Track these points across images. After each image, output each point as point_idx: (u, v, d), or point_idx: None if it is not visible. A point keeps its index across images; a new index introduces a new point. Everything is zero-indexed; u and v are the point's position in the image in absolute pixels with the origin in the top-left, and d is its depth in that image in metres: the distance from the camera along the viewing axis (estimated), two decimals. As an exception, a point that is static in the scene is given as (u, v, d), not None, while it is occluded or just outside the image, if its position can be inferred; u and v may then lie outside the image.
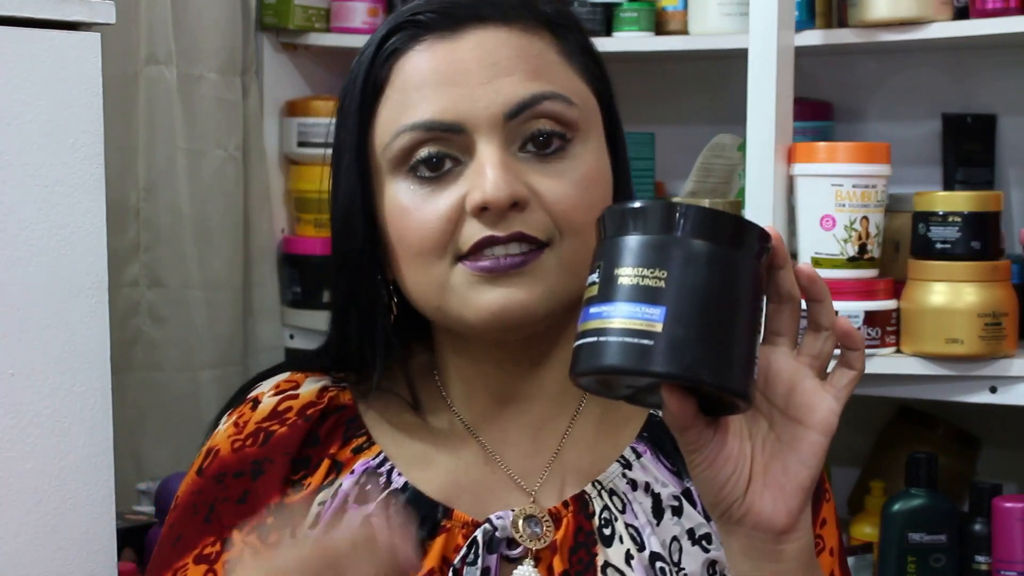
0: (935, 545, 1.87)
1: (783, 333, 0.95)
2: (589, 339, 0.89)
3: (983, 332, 1.81)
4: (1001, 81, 2.16)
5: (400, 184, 1.08)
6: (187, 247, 2.12)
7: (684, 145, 2.23)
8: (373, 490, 1.11)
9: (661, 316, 0.87)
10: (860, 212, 1.85)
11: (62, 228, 1.22)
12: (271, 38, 2.30)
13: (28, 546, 1.20)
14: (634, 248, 0.89)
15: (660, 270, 0.88)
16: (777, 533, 0.94)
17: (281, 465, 1.11)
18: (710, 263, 0.88)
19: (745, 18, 1.94)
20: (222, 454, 1.13)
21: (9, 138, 1.18)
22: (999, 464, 2.19)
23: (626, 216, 0.91)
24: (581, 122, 1.09)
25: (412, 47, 1.09)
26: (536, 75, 1.08)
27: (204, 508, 1.11)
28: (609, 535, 1.10)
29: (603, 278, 0.90)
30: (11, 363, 1.19)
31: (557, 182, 1.06)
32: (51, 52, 1.21)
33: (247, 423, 1.14)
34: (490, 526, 1.08)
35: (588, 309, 0.90)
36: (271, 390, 1.15)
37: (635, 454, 1.13)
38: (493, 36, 1.08)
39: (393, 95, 1.09)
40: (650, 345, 0.87)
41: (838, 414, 0.95)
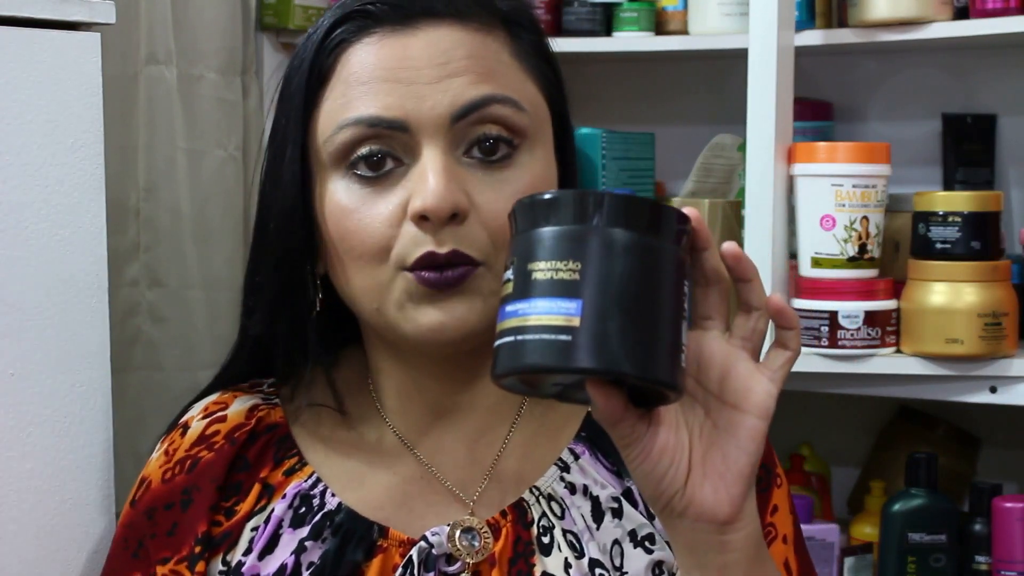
0: (935, 545, 1.87)
1: (712, 316, 0.92)
2: (507, 339, 0.86)
3: (983, 332, 1.81)
4: (1001, 81, 2.16)
5: (340, 181, 1.06)
6: (187, 247, 2.12)
7: (684, 145, 2.23)
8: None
9: (578, 310, 0.84)
10: (860, 212, 1.85)
11: (62, 228, 1.22)
12: (271, 38, 2.29)
13: (28, 546, 1.20)
14: (546, 241, 0.86)
15: (574, 262, 0.85)
16: (721, 523, 0.91)
17: (208, 493, 1.09)
18: (626, 251, 0.85)
19: (745, 18, 1.94)
20: (153, 486, 1.12)
21: (9, 138, 1.18)
22: (999, 464, 2.19)
23: (537, 208, 0.88)
24: (530, 129, 1.06)
25: (361, 39, 1.07)
26: (487, 77, 1.05)
27: (133, 543, 1.11)
28: (548, 543, 1.08)
29: (517, 274, 0.87)
30: (11, 363, 1.19)
31: (498, 195, 1.04)
32: (51, 52, 1.21)
33: (176, 450, 1.13)
34: (425, 543, 1.06)
35: (504, 307, 0.87)
36: (200, 413, 1.15)
37: (573, 456, 1.11)
38: (446, 34, 1.05)
39: (338, 86, 1.07)
40: (569, 340, 0.84)
41: (775, 396, 0.91)
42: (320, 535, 1.08)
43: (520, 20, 1.10)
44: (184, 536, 1.09)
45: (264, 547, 1.08)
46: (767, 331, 0.93)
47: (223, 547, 1.09)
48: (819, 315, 1.86)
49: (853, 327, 1.85)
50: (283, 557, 1.07)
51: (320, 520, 1.08)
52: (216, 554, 1.09)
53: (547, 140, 1.10)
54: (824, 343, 1.86)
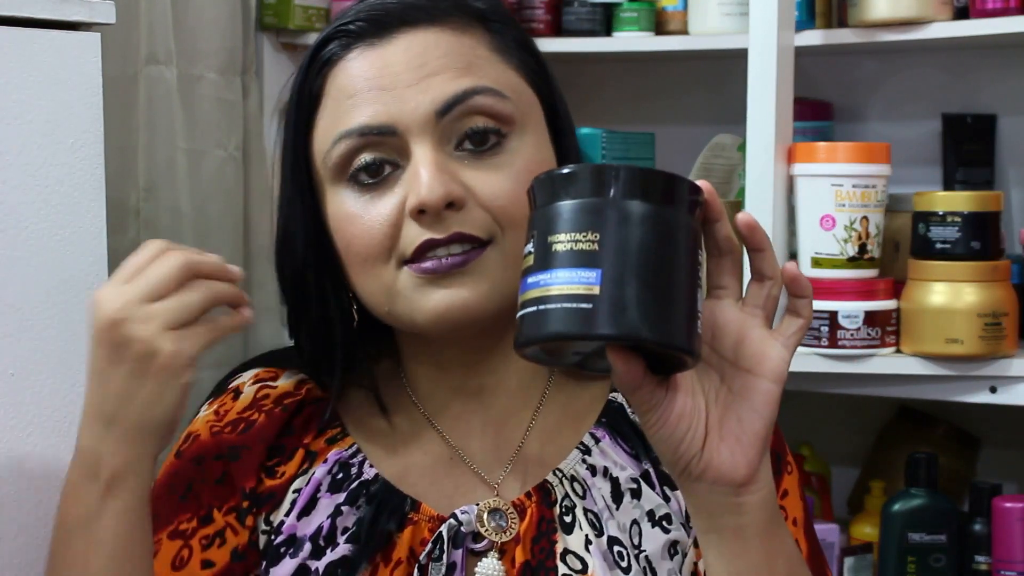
0: (935, 545, 1.87)
1: (726, 285, 0.95)
2: (529, 309, 0.89)
3: (983, 332, 1.81)
4: (1001, 81, 2.16)
5: (342, 192, 1.10)
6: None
7: (684, 145, 2.23)
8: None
9: (598, 279, 0.87)
10: (860, 212, 1.85)
11: (62, 228, 1.22)
12: (271, 38, 2.29)
13: (28, 546, 1.20)
14: (565, 214, 0.89)
15: (593, 232, 0.88)
16: (737, 485, 0.94)
17: (258, 452, 1.13)
18: (642, 221, 0.88)
19: (745, 18, 1.94)
20: (202, 438, 1.15)
21: (9, 138, 1.18)
22: (999, 464, 2.19)
23: (555, 183, 0.91)
24: (517, 115, 1.09)
25: (344, 56, 1.10)
26: (466, 71, 1.08)
27: (181, 487, 1.13)
28: (570, 522, 1.11)
29: (538, 247, 0.89)
30: (11, 363, 1.19)
31: (493, 177, 1.07)
32: (51, 52, 1.21)
33: (228, 412, 1.16)
34: (455, 521, 1.09)
35: (526, 280, 0.90)
36: (251, 379, 1.18)
37: (594, 440, 1.14)
38: (422, 37, 1.09)
39: (329, 104, 1.11)
40: (590, 308, 0.86)
41: (788, 362, 0.94)
42: (356, 502, 1.12)
43: (497, 17, 1.13)
44: (232, 487, 1.13)
45: (303, 508, 1.12)
46: (780, 299, 0.96)
47: (267, 506, 1.13)
48: (819, 315, 1.86)
49: (853, 327, 1.85)
50: (320, 519, 1.11)
51: (356, 488, 1.12)
52: (261, 512, 1.13)
53: (538, 125, 1.12)
54: (824, 343, 1.86)
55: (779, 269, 0.95)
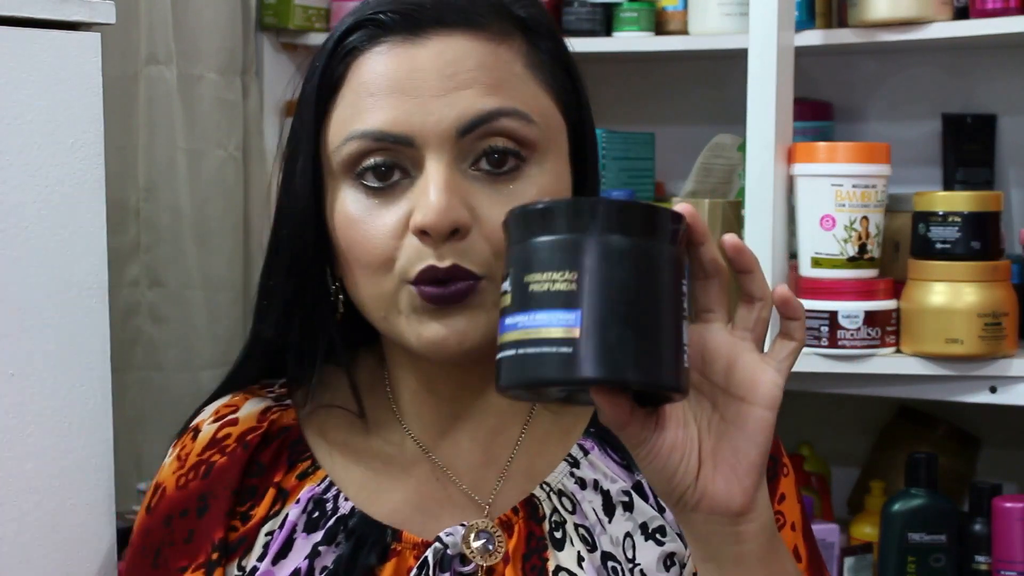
0: (935, 545, 1.87)
1: (714, 308, 0.92)
2: (508, 352, 0.86)
3: (983, 332, 1.81)
4: (1001, 81, 2.16)
5: (348, 191, 1.06)
6: (187, 247, 2.12)
7: (684, 145, 2.23)
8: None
9: (577, 320, 0.84)
10: (860, 212, 1.85)
11: (62, 228, 1.22)
12: (271, 38, 2.30)
13: (28, 546, 1.20)
14: (541, 252, 0.86)
15: (571, 272, 0.84)
16: (735, 514, 0.91)
17: (224, 500, 1.09)
18: (622, 257, 0.85)
19: (745, 18, 1.94)
20: (168, 492, 1.12)
21: (9, 138, 1.18)
22: (999, 464, 2.19)
23: (530, 218, 0.87)
24: (540, 141, 1.05)
25: (371, 47, 1.05)
26: (495, 89, 1.03)
27: (151, 552, 1.11)
28: (560, 538, 1.08)
29: (514, 286, 0.86)
30: (11, 363, 1.19)
31: (503, 209, 0.99)
32: (51, 52, 1.21)
33: (188, 455, 1.12)
34: (440, 544, 1.06)
35: (504, 319, 0.87)
36: (211, 417, 1.14)
37: (582, 451, 1.12)
38: (455, 44, 1.04)
39: (348, 95, 1.06)
40: (570, 353, 0.83)
41: (781, 387, 0.91)
42: (334, 540, 1.08)
43: (538, 28, 1.08)
44: (201, 543, 1.09)
45: (278, 552, 1.08)
46: (770, 321, 0.93)
47: (239, 552, 1.09)
48: (819, 315, 1.86)
49: (853, 327, 1.85)
50: (297, 561, 1.08)
51: (334, 525, 1.08)
52: (232, 559, 1.09)
53: (560, 152, 1.08)
54: (824, 343, 1.86)
55: (769, 290, 0.92)
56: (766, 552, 0.94)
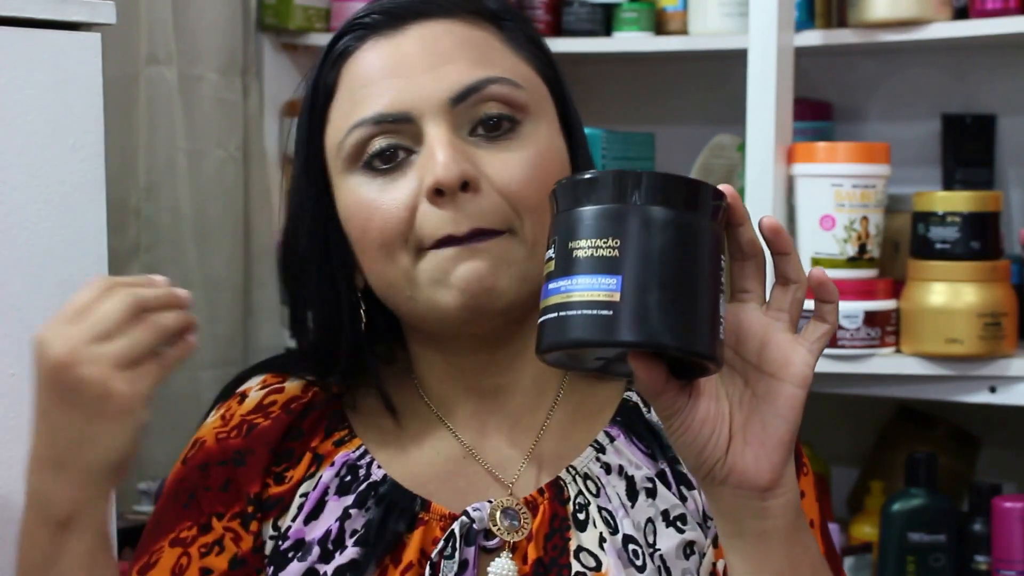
0: (935, 545, 1.87)
1: (750, 289, 0.94)
2: (550, 315, 0.88)
3: (983, 332, 1.81)
4: (1001, 81, 2.16)
5: (355, 179, 1.09)
6: (187, 247, 2.12)
7: (684, 145, 2.23)
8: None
9: (618, 285, 0.86)
10: (860, 212, 1.85)
11: (62, 228, 1.22)
12: (271, 38, 2.30)
13: (28, 546, 1.20)
14: (587, 219, 0.89)
15: (614, 239, 0.87)
16: (762, 489, 0.93)
17: (262, 456, 1.12)
18: (664, 228, 0.88)
19: (745, 18, 1.94)
20: (207, 445, 1.15)
21: (9, 138, 1.18)
22: (999, 464, 2.19)
23: (577, 188, 0.90)
24: (530, 104, 1.10)
25: (358, 47, 1.11)
26: (480, 62, 1.09)
27: (184, 495, 1.13)
28: (583, 520, 1.10)
29: (559, 252, 0.89)
30: (11, 363, 1.19)
31: (508, 161, 1.07)
32: (51, 52, 1.21)
33: (233, 416, 1.15)
34: (467, 518, 1.08)
35: (547, 285, 0.90)
36: (258, 384, 1.17)
37: (608, 438, 1.14)
38: (436, 28, 1.10)
39: (343, 96, 1.11)
40: (610, 316, 0.86)
41: (812, 366, 0.94)
42: (364, 504, 1.11)
43: (507, 15, 1.14)
44: (237, 493, 1.12)
45: (310, 512, 1.11)
46: (804, 303, 0.96)
47: (274, 512, 1.12)
48: (819, 315, 1.85)
49: (853, 327, 1.85)
50: (328, 523, 1.11)
51: (365, 490, 1.11)
52: (268, 518, 1.12)
53: (550, 116, 1.13)
54: (824, 343, 1.85)
55: (803, 273, 0.95)
56: (791, 530, 0.95)
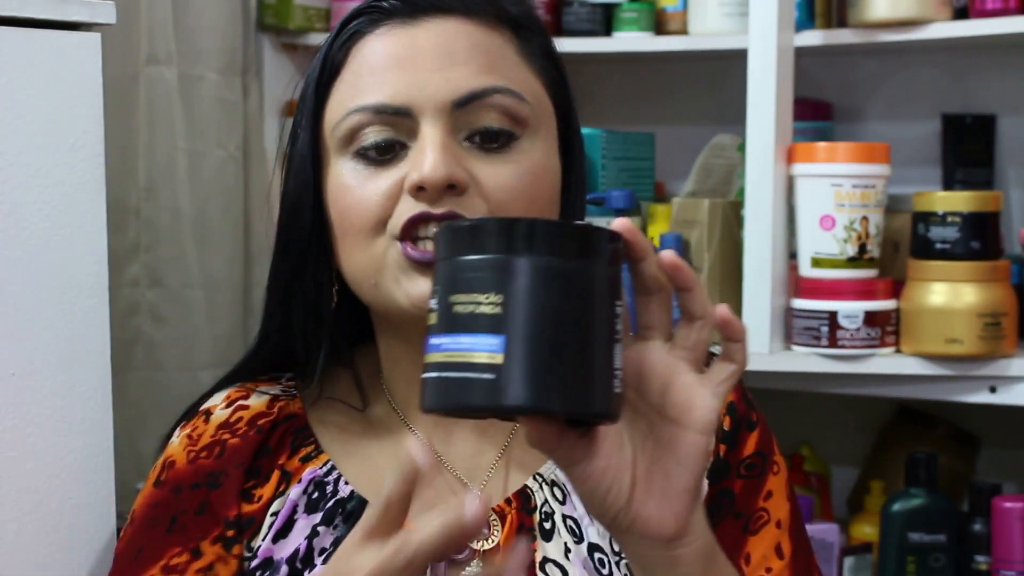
0: (935, 545, 1.87)
1: (654, 326, 0.88)
2: (432, 374, 0.83)
3: (983, 332, 1.81)
4: (1001, 81, 2.16)
5: (345, 163, 1.09)
6: (187, 247, 2.12)
7: (684, 145, 2.23)
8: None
9: (502, 346, 0.80)
10: (860, 212, 1.85)
11: (62, 228, 1.22)
12: (271, 38, 2.30)
13: (28, 546, 1.20)
14: (469, 271, 0.82)
15: (497, 294, 0.81)
16: (667, 540, 0.88)
17: (236, 478, 1.11)
18: (551, 280, 0.81)
19: (745, 18, 1.94)
20: (178, 466, 1.13)
21: (9, 138, 1.18)
22: (999, 464, 2.19)
23: (458, 235, 0.84)
24: (531, 120, 1.08)
25: (371, 31, 1.09)
26: (490, 69, 1.08)
27: (165, 520, 1.11)
28: (549, 529, 1.09)
29: (440, 306, 0.83)
30: (11, 363, 1.19)
31: (499, 170, 1.06)
32: (51, 52, 1.21)
33: (201, 435, 1.14)
34: None
35: (429, 339, 0.84)
36: (222, 402, 1.16)
37: None
38: (452, 26, 1.08)
39: (348, 77, 1.10)
40: (494, 379, 0.80)
41: (716, 411, 0.87)
42: (332, 521, 1.09)
43: (528, 24, 1.12)
44: (213, 517, 1.10)
45: (279, 530, 1.10)
46: (711, 341, 0.90)
47: (248, 532, 1.11)
48: (819, 315, 1.86)
49: (853, 327, 1.85)
50: (297, 542, 1.09)
51: (332, 507, 1.10)
52: (243, 538, 1.11)
53: (550, 135, 1.11)
54: (824, 343, 1.86)
55: (709, 308, 0.88)
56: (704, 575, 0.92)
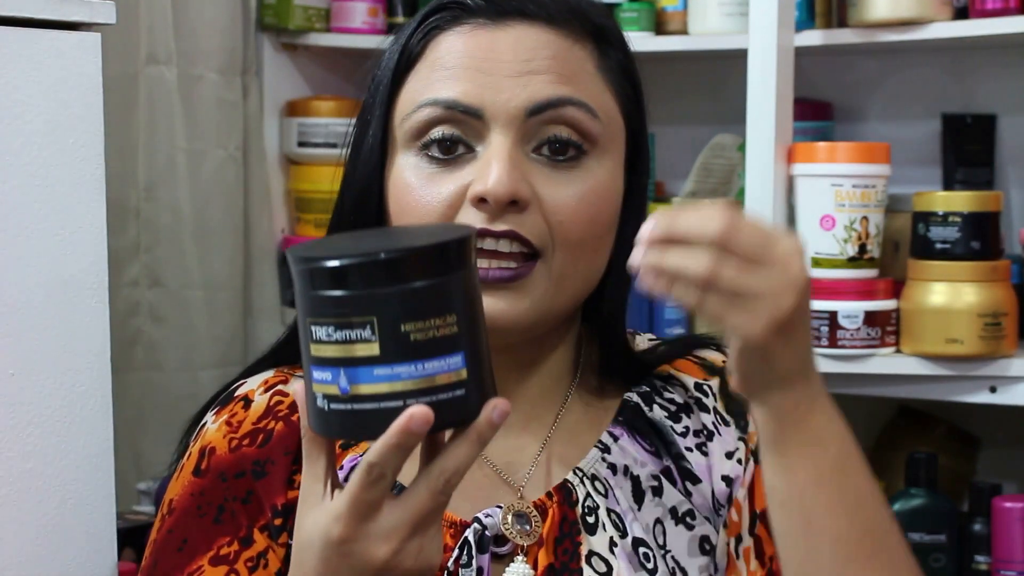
0: (935, 545, 1.87)
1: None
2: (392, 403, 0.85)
3: (983, 332, 1.81)
4: (1001, 81, 2.16)
5: (410, 159, 1.08)
6: (187, 247, 2.12)
7: (684, 145, 2.23)
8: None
9: (463, 361, 0.85)
10: (860, 212, 1.85)
11: (62, 228, 1.22)
12: (271, 38, 2.29)
13: (28, 546, 1.20)
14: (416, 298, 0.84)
15: (451, 315, 0.85)
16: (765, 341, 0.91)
17: (283, 466, 1.09)
18: (477, 287, 0.87)
19: (745, 18, 1.94)
20: (219, 453, 1.10)
21: (9, 138, 1.18)
22: (999, 464, 2.19)
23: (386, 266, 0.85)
24: (601, 138, 1.08)
25: (452, 27, 1.09)
26: (567, 80, 1.07)
27: (212, 509, 1.09)
28: (593, 523, 1.09)
29: (386, 335, 0.84)
30: (11, 363, 1.19)
31: (562, 189, 1.06)
32: (51, 52, 1.21)
33: (241, 423, 1.12)
34: (479, 525, 1.07)
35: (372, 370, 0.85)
36: (260, 387, 1.14)
37: (612, 438, 1.13)
38: (534, 34, 1.08)
39: (423, 69, 1.09)
40: (462, 395, 0.86)
41: None
42: None
43: (610, 38, 1.12)
44: (259, 506, 1.09)
45: None
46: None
47: (293, 520, 1.07)
48: (819, 315, 1.86)
49: (853, 327, 1.85)
50: None
51: None
52: (288, 527, 1.08)
53: (618, 153, 1.11)
54: (824, 343, 1.86)
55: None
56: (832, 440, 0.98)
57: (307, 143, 2.29)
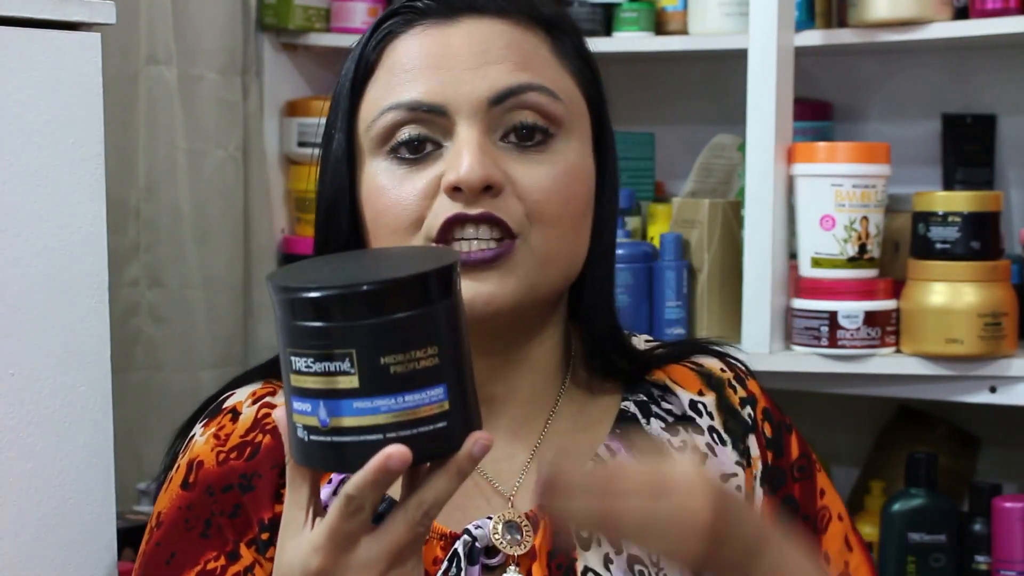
0: (935, 545, 1.87)
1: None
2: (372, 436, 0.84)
3: (983, 332, 1.81)
4: (1001, 81, 2.16)
5: (380, 163, 1.09)
6: (187, 247, 2.12)
7: (684, 145, 2.23)
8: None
9: (444, 393, 0.84)
10: (860, 212, 1.85)
11: (62, 228, 1.22)
12: (271, 38, 2.29)
13: (28, 546, 1.20)
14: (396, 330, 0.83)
15: (433, 347, 0.84)
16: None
17: (270, 480, 1.09)
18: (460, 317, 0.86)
19: (745, 18, 1.94)
20: (207, 467, 1.10)
21: (9, 138, 1.18)
22: (999, 464, 2.19)
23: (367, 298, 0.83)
24: (566, 119, 1.09)
25: (406, 31, 1.10)
26: (525, 67, 1.08)
27: (199, 523, 1.09)
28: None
29: (365, 368, 0.83)
30: (11, 363, 1.19)
31: (534, 170, 1.07)
32: (51, 52, 1.21)
33: (229, 436, 1.11)
34: (469, 536, 1.06)
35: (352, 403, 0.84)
36: (248, 399, 1.13)
37: (609, 452, 1.12)
38: (486, 26, 1.09)
39: (382, 76, 1.10)
40: (444, 427, 0.85)
41: None
42: None
43: (561, 25, 1.13)
44: (248, 519, 1.08)
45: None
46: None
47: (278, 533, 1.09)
48: (819, 315, 1.86)
49: (853, 327, 1.85)
50: None
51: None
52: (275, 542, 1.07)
53: (584, 134, 1.12)
54: (824, 343, 1.86)
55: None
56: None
57: (307, 143, 2.29)
